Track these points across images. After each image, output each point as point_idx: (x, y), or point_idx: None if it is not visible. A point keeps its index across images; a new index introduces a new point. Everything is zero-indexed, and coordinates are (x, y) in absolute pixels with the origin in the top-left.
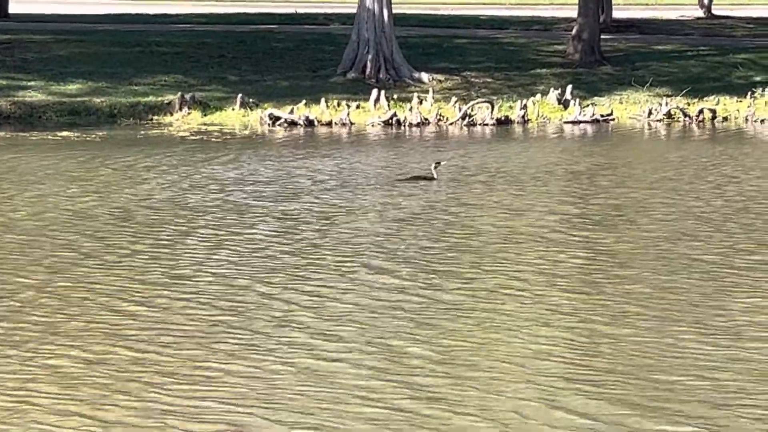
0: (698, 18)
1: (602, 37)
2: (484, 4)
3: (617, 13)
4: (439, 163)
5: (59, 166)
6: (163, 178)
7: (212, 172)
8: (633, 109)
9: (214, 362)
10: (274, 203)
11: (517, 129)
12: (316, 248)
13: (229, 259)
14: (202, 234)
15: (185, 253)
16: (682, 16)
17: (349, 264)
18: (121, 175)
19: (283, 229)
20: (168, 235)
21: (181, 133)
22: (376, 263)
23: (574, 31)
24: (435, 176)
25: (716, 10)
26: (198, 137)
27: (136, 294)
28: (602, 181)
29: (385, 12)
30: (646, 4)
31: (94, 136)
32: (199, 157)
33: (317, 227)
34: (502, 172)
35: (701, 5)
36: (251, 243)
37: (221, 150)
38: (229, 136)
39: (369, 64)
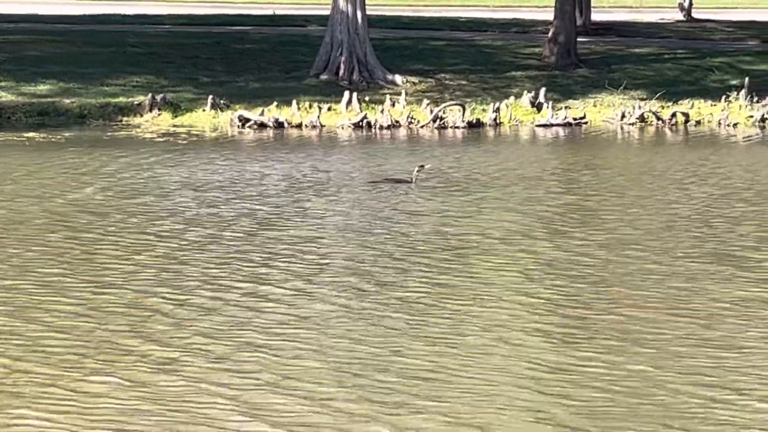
0: (678, 21)
1: (580, 39)
2: (467, 6)
3: (601, 16)
4: (422, 166)
5: (7, 167)
6: (108, 181)
7: (163, 174)
8: (607, 112)
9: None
10: (212, 207)
11: (489, 132)
12: (235, 256)
13: (143, 269)
14: (121, 241)
15: (98, 261)
16: (661, 19)
17: (268, 274)
18: (64, 177)
19: (209, 235)
20: (83, 241)
21: (149, 135)
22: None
23: (550, 34)
24: (413, 179)
25: (698, 14)
26: (165, 139)
27: (32, 303)
28: (555, 187)
29: (359, 13)
30: (630, 7)
31: (60, 137)
32: (158, 159)
33: (249, 233)
34: (454, 176)
35: (681, 8)
36: (166, 250)
37: (184, 152)
38: (196, 138)
39: (342, 66)
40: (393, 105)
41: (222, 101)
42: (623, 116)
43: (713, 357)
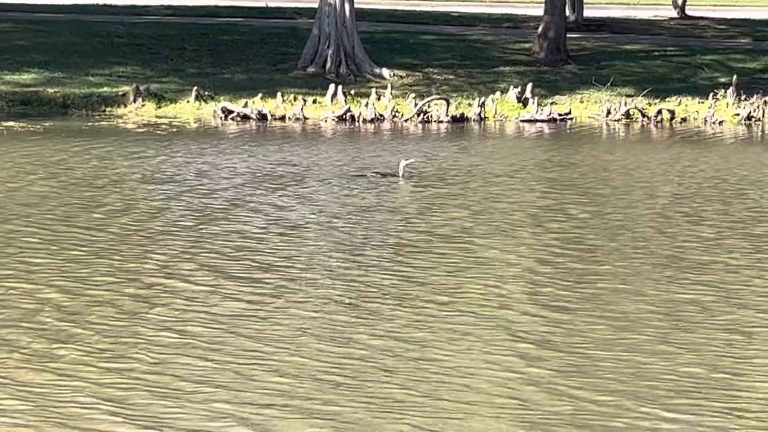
0: (671, 18)
1: (571, 35)
2: (462, 1)
3: (595, 12)
4: (408, 160)
5: None
6: (62, 171)
7: (127, 165)
8: (593, 108)
9: None
10: (162, 201)
11: (473, 127)
12: (164, 251)
13: (59, 260)
14: (46, 232)
15: (14, 252)
16: (655, 16)
17: (191, 270)
18: (18, 166)
19: (145, 228)
20: (5, 231)
21: (130, 126)
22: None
23: (540, 30)
24: (400, 173)
25: (693, 11)
26: (145, 130)
27: None
28: (518, 184)
29: (347, 6)
30: (627, 4)
31: (39, 126)
32: (127, 149)
33: (192, 227)
34: (423, 172)
35: (674, 5)
36: (91, 242)
37: (159, 143)
38: (176, 129)
39: (329, 59)
40: (379, 98)
41: (207, 93)
42: (609, 113)
43: (630, 361)
